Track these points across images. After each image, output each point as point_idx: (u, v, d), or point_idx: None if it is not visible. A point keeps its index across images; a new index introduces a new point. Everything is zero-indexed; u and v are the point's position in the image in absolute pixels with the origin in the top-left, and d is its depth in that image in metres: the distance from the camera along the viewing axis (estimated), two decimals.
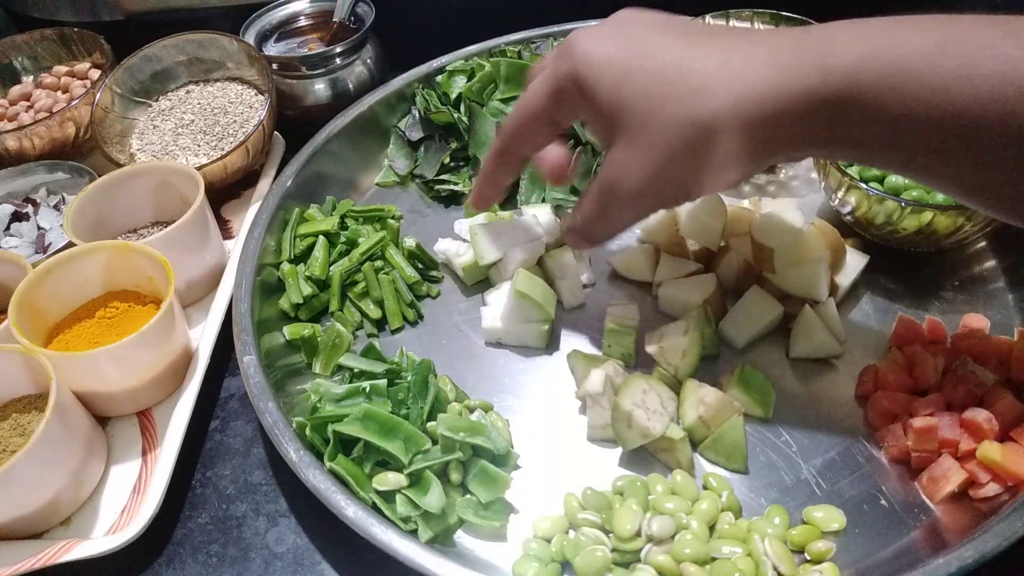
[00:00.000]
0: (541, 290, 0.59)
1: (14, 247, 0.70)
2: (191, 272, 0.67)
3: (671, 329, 0.57)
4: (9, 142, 0.76)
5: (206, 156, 0.75)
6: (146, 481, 0.57)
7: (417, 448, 0.51)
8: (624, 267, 0.66)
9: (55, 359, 0.54)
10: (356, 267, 0.66)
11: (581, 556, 0.46)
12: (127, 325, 0.61)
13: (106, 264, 0.62)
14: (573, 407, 0.58)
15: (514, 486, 0.53)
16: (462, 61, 0.81)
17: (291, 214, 0.69)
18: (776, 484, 0.52)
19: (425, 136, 0.78)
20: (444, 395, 0.56)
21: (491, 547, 0.50)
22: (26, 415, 0.55)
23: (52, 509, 0.53)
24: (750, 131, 0.42)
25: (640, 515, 0.48)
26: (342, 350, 0.62)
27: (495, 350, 0.62)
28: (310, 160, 0.73)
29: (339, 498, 0.49)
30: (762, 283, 0.62)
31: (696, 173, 0.44)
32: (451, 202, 0.75)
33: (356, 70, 0.83)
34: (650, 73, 0.43)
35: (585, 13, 0.85)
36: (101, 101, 0.77)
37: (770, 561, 0.46)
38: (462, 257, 0.66)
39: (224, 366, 0.65)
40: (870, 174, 0.62)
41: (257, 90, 0.82)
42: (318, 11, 0.87)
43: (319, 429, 0.53)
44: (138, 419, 0.61)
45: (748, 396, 0.54)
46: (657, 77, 0.43)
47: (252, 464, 0.58)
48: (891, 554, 0.48)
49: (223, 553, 0.53)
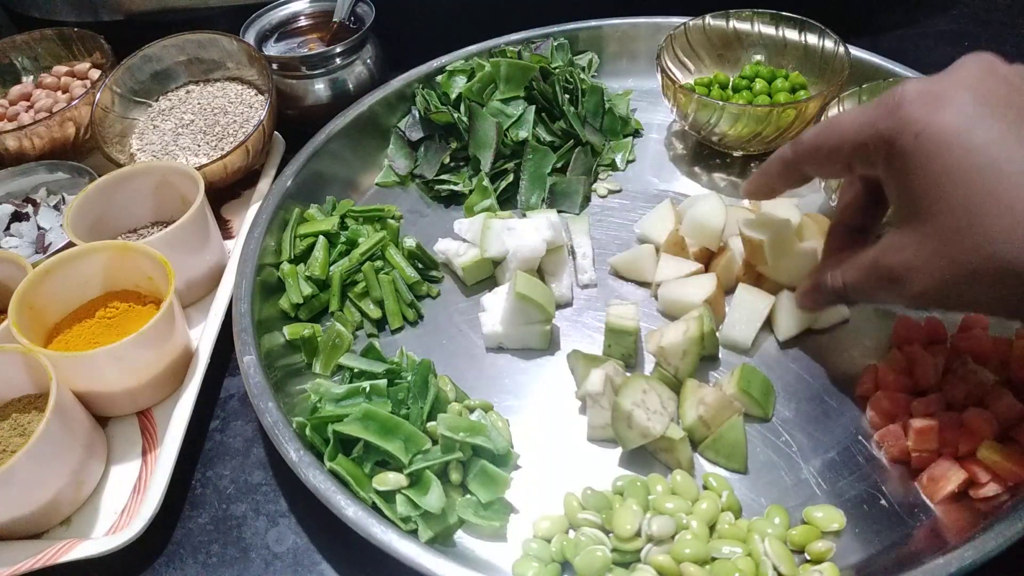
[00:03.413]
0: (541, 291, 0.59)
1: (14, 247, 0.70)
2: (191, 272, 0.67)
3: (671, 329, 0.57)
4: (9, 142, 0.76)
5: (206, 156, 0.75)
6: (146, 481, 0.57)
7: (417, 448, 0.51)
8: (624, 267, 0.66)
9: (55, 359, 0.54)
10: (356, 267, 0.66)
11: (581, 556, 0.46)
12: (127, 325, 0.61)
13: (106, 264, 0.62)
14: (573, 407, 0.58)
15: (514, 486, 0.53)
16: (462, 61, 0.81)
17: (291, 214, 0.69)
18: (776, 484, 0.52)
19: (425, 136, 0.78)
20: (444, 395, 0.56)
21: (491, 547, 0.50)
22: (26, 415, 0.55)
23: (52, 509, 0.53)
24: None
25: (640, 515, 0.48)
26: (342, 350, 0.62)
27: (495, 350, 0.63)
28: (310, 160, 0.73)
29: (339, 498, 0.49)
30: (761, 282, 0.62)
31: (992, 305, 0.40)
32: (451, 202, 0.75)
33: (356, 70, 0.83)
34: (986, 176, 0.37)
35: (585, 13, 0.85)
36: (101, 101, 0.77)
37: (770, 561, 0.45)
38: (462, 257, 0.66)
39: (224, 366, 0.65)
40: None
41: (257, 90, 0.82)
42: (318, 11, 0.87)
43: (319, 429, 0.53)
44: (138, 419, 0.61)
45: (748, 396, 0.54)
46: (994, 184, 0.37)
47: (252, 464, 0.58)
48: (891, 554, 0.48)
49: (223, 553, 0.53)
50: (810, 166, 0.50)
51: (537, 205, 0.73)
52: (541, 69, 0.75)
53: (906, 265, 0.42)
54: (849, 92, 0.68)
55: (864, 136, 0.43)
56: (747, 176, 0.74)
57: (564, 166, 0.75)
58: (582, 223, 0.70)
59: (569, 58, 0.82)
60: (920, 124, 0.39)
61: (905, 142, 0.40)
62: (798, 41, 0.76)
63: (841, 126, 0.45)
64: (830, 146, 0.46)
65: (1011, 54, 0.42)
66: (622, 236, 0.70)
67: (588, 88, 0.78)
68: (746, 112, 0.68)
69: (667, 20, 0.82)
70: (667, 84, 0.73)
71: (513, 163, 0.74)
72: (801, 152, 0.49)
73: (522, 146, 0.73)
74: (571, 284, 0.66)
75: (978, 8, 0.95)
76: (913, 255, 0.41)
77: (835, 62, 0.72)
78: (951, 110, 0.39)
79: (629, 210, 0.73)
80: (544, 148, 0.73)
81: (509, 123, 0.74)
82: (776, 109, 0.68)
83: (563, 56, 0.81)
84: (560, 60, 0.81)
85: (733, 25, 0.78)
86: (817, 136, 0.47)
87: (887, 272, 0.43)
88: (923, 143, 0.39)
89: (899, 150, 0.40)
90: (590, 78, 0.81)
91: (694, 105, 0.70)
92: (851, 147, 0.44)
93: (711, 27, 0.78)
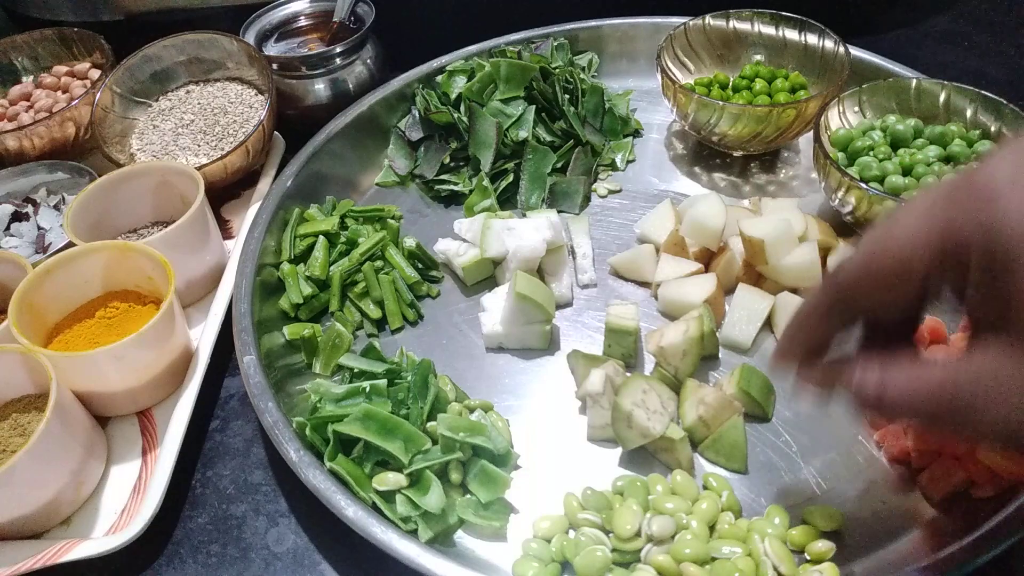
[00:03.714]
0: (540, 291, 0.59)
1: (14, 247, 0.70)
2: (191, 272, 0.67)
3: (671, 329, 0.57)
4: (9, 142, 0.76)
5: (206, 156, 0.75)
6: (146, 481, 0.57)
7: (417, 448, 0.51)
8: (624, 267, 0.66)
9: (55, 359, 0.54)
10: (356, 267, 0.66)
11: (581, 556, 0.46)
12: (127, 325, 0.61)
13: (106, 264, 0.62)
14: (573, 407, 0.58)
15: (514, 486, 0.53)
16: (462, 61, 0.81)
17: (291, 214, 0.69)
18: (776, 484, 0.52)
19: (425, 136, 0.78)
20: (444, 395, 0.56)
21: (491, 547, 0.50)
22: (26, 415, 0.55)
23: (52, 509, 0.53)
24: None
25: (640, 515, 0.48)
26: (342, 350, 0.62)
27: (495, 350, 0.63)
28: (310, 160, 0.73)
29: (339, 498, 0.49)
30: (761, 282, 0.62)
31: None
32: (451, 202, 0.75)
33: (356, 70, 0.83)
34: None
35: (585, 13, 0.85)
36: (101, 101, 0.77)
37: (770, 561, 0.45)
38: (462, 257, 0.66)
39: (224, 366, 0.65)
40: (870, 174, 0.62)
41: (257, 90, 0.82)
42: (318, 11, 0.87)
43: (319, 429, 0.53)
44: (138, 419, 0.61)
45: (748, 396, 0.54)
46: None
47: (252, 464, 0.58)
48: (891, 554, 0.48)
49: (223, 553, 0.53)
50: (867, 302, 0.38)
51: (537, 205, 0.73)
52: (541, 69, 0.75)
53: (988, 388, 0.33)
54: (849, 92, 0.68)
55: (947, 243, 0.34)
56: (747, 176, 0.75)
57: (564, 166, 0.75)
58: (582, 223, 0.70)
59: (569, 58, 0.82)
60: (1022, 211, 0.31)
61: (1008, 240, 0.31)
62: (798, 41, 0.76)
63: (900, 240, 0.35)
64: (893, 269, 0.35)
65: (1011, 54, 0.42)
66: (622, 236, 0.70)
67: (588, 88, 0.78)
68: (746, 112, 0.68)
69: (667, 20, 0.82)
70: (667, 84, 0.73)
71: (513, 163, 0.74)
72: (849, 289, 0.38)
73: (522, 146, 0.73)
74: (571, 284, 0.66)
75: (978, 8, 0.95)
76: (1007, 376, 0.32)
77: (835, 62, 0.72)
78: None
79: (629, 210, 0.73)
80: (544, 148, 0.73)
81: (509, 123, 0.74)
82: (776, 109, 0.68)
83: (563, 56, 0.81)
84: (560, 60, 0.81)
85: (733, 25, 0.78)
86: (868, 262, 0.36)
87: (960, 396, 0.34)
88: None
89: (1002, 250, 0.31)
90: (590, 78, 0.81)
91: (694, 105, 0.70)
92: (928, 262, 0.34)
93: (711, 27, 0.78)
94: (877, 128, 0.66)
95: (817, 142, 0.63)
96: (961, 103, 0.66)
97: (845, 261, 0.38)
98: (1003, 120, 0.63)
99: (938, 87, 0.66)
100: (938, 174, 0.61)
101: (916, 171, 0.62)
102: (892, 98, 0.68)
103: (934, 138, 0.64)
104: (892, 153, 0.64)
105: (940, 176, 0.61)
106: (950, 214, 0.34)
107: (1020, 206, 0.31)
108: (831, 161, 0.62)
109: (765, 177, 0.74)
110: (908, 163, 0.62)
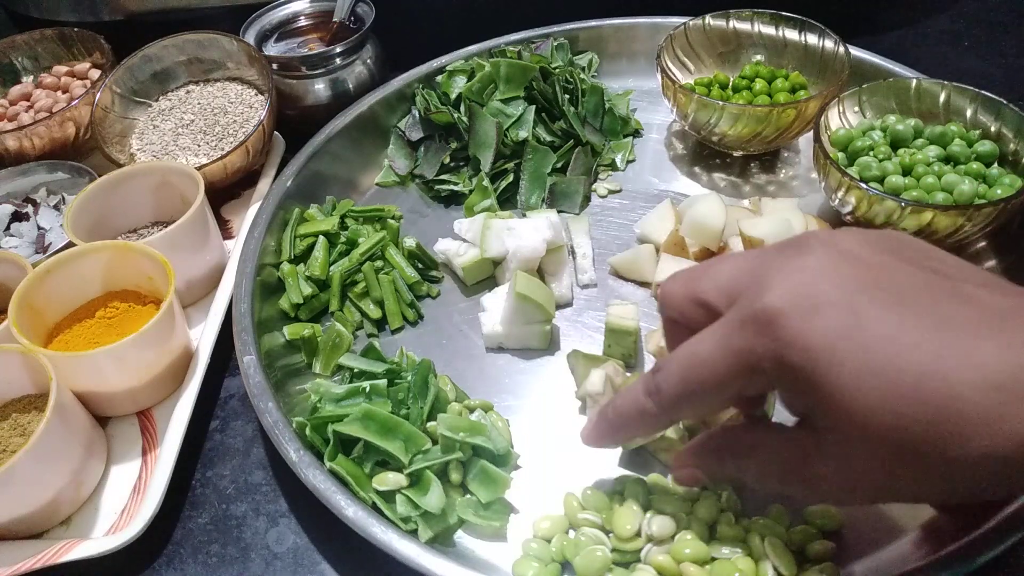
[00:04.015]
0: (540, 291, 0.59)
1: (14, 247, 0.70)
2: (191, 272, 0.67)
3: None
4: (9, 142, 0.76)
5: (206, 156, 0.75)
6: (146, 481, 0.57)
7: (417, 448, 0.51)
8: (624, 267, 0.66)
9: (55, 359, 0.54)
10: (356, 267, 0.66)
11: (581, 556, 0.46)
12: (127, 325, 0.61)
13: (106, 264, 0.62)
14: (573, 407, 0.58)
15: (514, 486, 0.53)
16: (462, 61, 0.81)
17: (291, 214, 0.69)
18: None
19: (425, 136, 0.78)
20: (444, 395, 0.56)
21: (491, 547, 0.50)
22: (26, 415, 0.55)
23: (52, 509, 0.53)
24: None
25: (640, 515, 0.48)
26: (342, 350, 0.62)
27: (495, 350, 0.62)
28: (310, 160, 0.73)
29: (339, 498, 0.49)
30: None
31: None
32: (451, 202, 0.75)
33: (356, 70, 0.84)
34: (898, 386, 0.32)
35: (585, 13, 0.85)
36: (101, 101, 0.77)
37: (770, 561, 0.45)
38: (462, 257, 0.66)
39: (224, 366, 0.65)
40: (870, 174, 0.63)
41: (257, 90, 0.82)
42: (318, 11, 0.87)
43: (319, 429, 0.53)
44: (138, 419, 0.61)
45: None
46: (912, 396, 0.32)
47: (252, 464, 0.58)
48: (891, 554, 0.47)
49: (223, 553, 0.53)
50: (686, 414, 0.45)
51: (537, 205, 0.73)
52: (541, 69, 0.75)
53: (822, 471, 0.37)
54: (849, 92, 0.68)
55: (745, 366, 0.37)
56: (747, 176, 0.75)
57: (564, 166, 0.75)
58: (582, 223, 0.70)
59: (569, 58, 0.82)
60: (805, 336, 0.34)
61: (794, 359, 0.34)
62: (798, 41, 0.76)
63: (707, 364, 0.38)
64: (706, 390, 0.39)
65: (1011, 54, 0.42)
66: (622, 236, 0.70)
67: (588, 88, 0.78)
68: (746, 112, 0.68)
69: (667, 20, 0.82)
70: (667, 84, 0.73)
71: (513, 163, 0.74)
72: (670, 405, 0.41)
73: (522, 146, 0.73)
74: (571, 284, 0.66)
75: (978, 8, 0.95)
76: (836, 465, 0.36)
77: (835, 62, 0.72)
78: (831, 314, 0.34)
79: (629, 210, 0.73)
80: (544, 148, 0.73)
81: (509, 123, 0.74)
82: (776, 109, 0.68)
83: (563, 56, 0.81)
84: (560, 60, 0.81)
85: (733, 25, 0.78)
86: (684, 383, 0.40)
87: (794, 472, 0.39)
88: (819, 358, 0.34)
89: (790, 368, 0.35)
90: (590, 78, 0.81)
91: (694, 105, 0.70)
92: (735, 382, 0.38)
93: (711, 27, 0.78)
94: (877, 128, 0.66)
95: (817, 142, 0.63)
96: (961, 103, 0.66)
97: (659, 383, 0.41)
98: (1003, 120, 0.63)
99: (938, 87, 0.66)
100: (938, 174, 0.61)
101: (916, 171, 0.62)
102: (892, 98, 0.68)
103: (934, 138, 0.64)
104: (892, 153, 0.64)
105: (940, 176, 0.61)
106: (745, 342, 0.36)
107: (798, 329, 0.34)
108: (831, 161, 0.62)
109: (765, 177, 0.74)
110: (908, 163, 0.63)
